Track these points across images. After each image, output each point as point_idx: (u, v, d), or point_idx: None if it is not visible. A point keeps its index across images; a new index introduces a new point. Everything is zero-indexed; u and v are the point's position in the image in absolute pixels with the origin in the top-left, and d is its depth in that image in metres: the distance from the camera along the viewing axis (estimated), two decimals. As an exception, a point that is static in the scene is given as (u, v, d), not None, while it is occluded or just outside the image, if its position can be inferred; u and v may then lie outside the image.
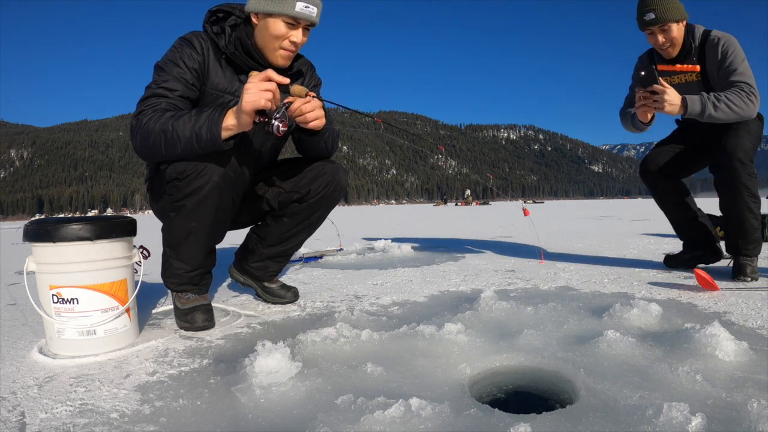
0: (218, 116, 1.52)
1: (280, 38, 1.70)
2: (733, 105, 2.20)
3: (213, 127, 1.51)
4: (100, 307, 1.50)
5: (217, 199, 1.66)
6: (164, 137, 1.54)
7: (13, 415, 1.08)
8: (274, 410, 1.05)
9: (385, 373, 1.21)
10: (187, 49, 1.70)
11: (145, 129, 1.56)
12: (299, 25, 1.71)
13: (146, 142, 1.57)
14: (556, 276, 2.67)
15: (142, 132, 1.57)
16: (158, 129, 1.54)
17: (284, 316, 1.92)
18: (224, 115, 1.52)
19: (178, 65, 1.67)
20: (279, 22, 1.68)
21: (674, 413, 0.89)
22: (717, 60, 2.35)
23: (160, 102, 1.60)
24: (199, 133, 1.52)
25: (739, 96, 2.21)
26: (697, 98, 2.23)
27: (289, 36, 1.71)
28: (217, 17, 1.79)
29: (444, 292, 2.33)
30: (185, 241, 1.72)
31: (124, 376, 1.31)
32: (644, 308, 1.65)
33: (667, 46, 2.40)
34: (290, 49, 1.74)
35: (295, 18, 1.68)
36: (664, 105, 2.23)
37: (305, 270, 3.16)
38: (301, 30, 1.72)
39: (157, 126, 1.54)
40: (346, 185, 2.04)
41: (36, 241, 1.46)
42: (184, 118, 1.54)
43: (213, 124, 1.51)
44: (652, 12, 2.34)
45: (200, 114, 1.53)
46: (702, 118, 2.25)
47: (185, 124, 1.52)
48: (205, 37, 1.75)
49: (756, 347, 1.32)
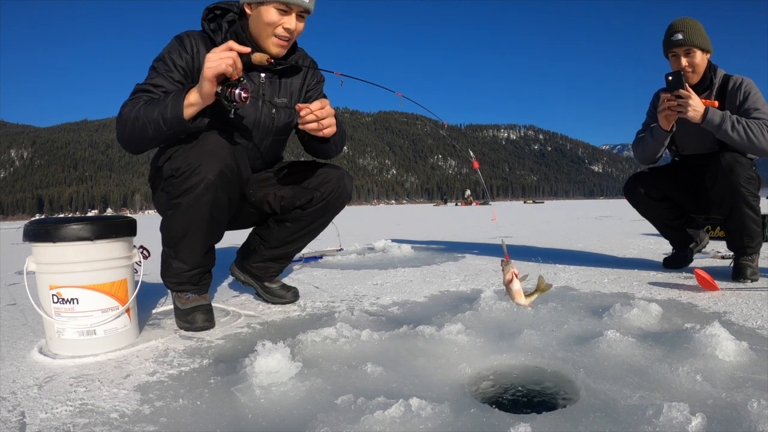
0: (180, 94, 1.56)
1: (272, 25, 1.72)
2: (750, 132, 2.22)
3: (175, 105, 1.55)
4: (100, 307, 1.50)
5: (213, 196, 1.66)
6: (137, 124, 1.59)
7: (13, 415, 1.08)
8: (274, 410, 1.05)
9: (385, 373, 1.21)
10: (177, 47, 1.73)
11: (122, 119, 1.62)
12: (291, 11, 1.72)
13: (123, 131, 1.63)
14: (556, 276, 2.67)
15: (120, 122, 1.63)
16: (132, 117, 1.59)
17: (284, 316, 1.92)
18: (186, 92, 1.56)
19: (166, 63, 1.70)
20: (271, 9, 1.69)
21: (674, 413, 0.89)
22: (739, 100, 2.38)
23: (142, 96, 1.64)
24: (164, 113, 1.55)
25: (759, 127, 2.23)
26: (719, 112, 2.26)
27: (282, 23, 1.72)
28: (214, 14, 1.81)
29: (444, 292, 2.33)
30: (182, 240, 1.72)
31: (124, 376, 1.31)
32: (644, 308, 1.65)
33: (689, 71, 2.43)
34: (284, 36, 1.74)
35: (287, 4, 1.69)
36: (687, 109, 2.24)
37: (305, 270, 3.16)
38: (294, 16, 1.73)
39: (132, 114, 1.60)
40: (350, 192, 2.04)
41: (36, 241, 1.46)
42: (153, 102, 1.59)
43: (175, 103, 1.55)
44: (680, 33, 2.38)
45: (166, 96, 1.58)
46: (718, 133, 2.26)
47: (153, 107, 1.57)
48: (197, 36, 1.76)
49: (756, 347, 1.32)
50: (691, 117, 2.26)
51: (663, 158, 2.71)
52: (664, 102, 2.32)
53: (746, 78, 2.42)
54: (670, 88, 2.29)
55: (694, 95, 2.26)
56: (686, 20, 2.41)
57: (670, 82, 2.29)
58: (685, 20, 2.41)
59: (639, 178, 2.74)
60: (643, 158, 2.62)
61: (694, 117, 2.25)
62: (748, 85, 2.39)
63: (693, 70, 2.43)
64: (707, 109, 2.25)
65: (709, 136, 2.37)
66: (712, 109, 2.25)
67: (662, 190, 2.68)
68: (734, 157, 2.30)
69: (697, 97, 2.26)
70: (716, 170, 2.32)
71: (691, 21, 2.40)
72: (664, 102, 2.32)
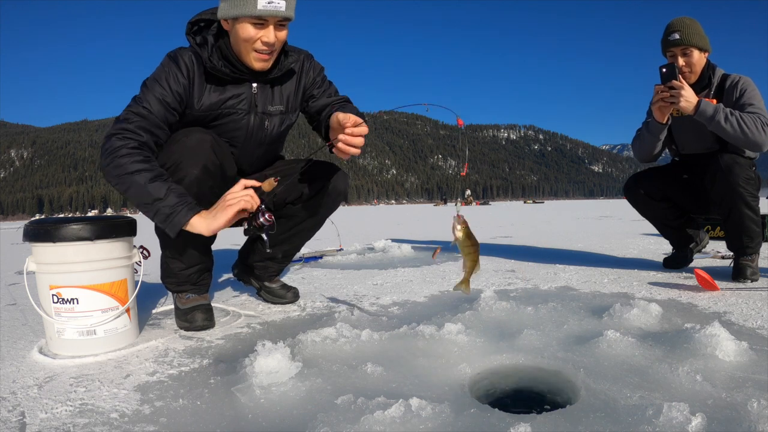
0: (185, 212, 1.49)
1: (250, 41, 1.63)
2: (743, 124, 2.21)
3: (175, 223, 1.49)
4: (100, 307, 1.50)
5: (197, 190, 1.63)
6: (131, 185, 1.49)
7: (13, 415, 1.08)
8: (274, 410, 1.05)
9: (385, 373, 1.21)
10: (174, 69, 1.66)
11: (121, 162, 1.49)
12: (268, 23, 1.61)
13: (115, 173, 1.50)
14: (556, 276, 2.67)
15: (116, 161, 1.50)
16: (132, 176, 1.48)
17: (284, 316, 1.92)
18: (192, 214, 1.49)
19: (161, 86, 1.63)
20: (245, 25, 1.60)
21: (674, 413, 0.89)
22: (735, 97, 2.38)
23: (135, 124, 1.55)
24: (159, 217, 1.49)
25: (753, 120, 2.22)
26: (713, 105, 2.26)
27: (259, 37, 1.63)
28: (199, 27, 1.73)
29: (444, 292, 2.33)
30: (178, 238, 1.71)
31: (124, 376, 1.31)
32: (644, 308, 1.65)
33: (686, 71, 2.43)
34: (263, 50, 1.66)
35: (260, 17, 1.59)
36: (680, 100, 2.25)
37: (305, 270, 3.16)
38: (271, 28, 1.62)
39: (126, 166, 1.49)
40: (344, 190, 1.99)
41: (36, 241, 1.47)
42: (158, 184, 1.49)
43: (175, 221, 1.49)
44: (677, 33, 2.39)
45: (170, 195, 1.49)
46: (711, 125, 2.26)
47: (154, 190, 1.48)
48: (191, 56, 1.69)
49: (756, 347, 1.32)
50: (684, 108, 2.26)
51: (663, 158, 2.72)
52: (657, 93, 2.34)
53: (744, 76, 2.42)
54: (664, 80, 2.31)
55: (687, 86, 2.27)
56: (684, 20, 2.42)
57: (664, 74, 2.31)
58: (683, 20, 2.42)
59: (639, 178, 2.75)
60: (642, 153, 2.62)
61: (687, 108, 2.26)
62: (745, 83, 2.39)
63: (690, 69, 2.43)
64: (700, 100, 2.26)
65: (709, 135, 2.37)
66: (705, 101, 2.25)
67: (662, 190, 2.68)
68: (733, 157, 2.30)
69: (689, 89, 2.27)
70: (715, 170, 2.32)
71: (689, 20, 2.41)
72: (658, 93, 2.33)
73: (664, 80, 2.31)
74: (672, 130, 2.61)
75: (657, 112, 2.40)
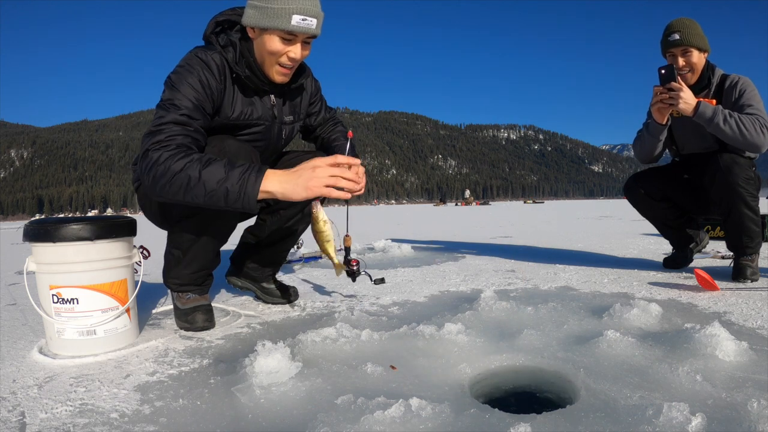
0: (255, 177, 1.39)
1: (276, 54, 1.59)
2: (742, 126, 2.21)
3: (248, 189, 1.38)
4: (100, 307, 1.50)
5: None
6: (188, 182, 1.38)
7: (13, 415, 1.08)
8: (274, 410, 1.05)
9: (385, 373, 1.21)
10: (207, 73, 1.57)
11: (165, 166, 1.39)
12: (297, 39, 1.58)
13: (164, 181, 1.39)
14: (556, 276, 2.67)
15: (160, 168, 1.39)
16: (183, 172, 1.38)
17: (284, 316, 1.92)
18: (263, 175, 1.39)
19: (196, 90, 1.54)
20: (274, 38, 1.56)
21: (674, 413, 0.89)
22: (734, 97, 2.38)
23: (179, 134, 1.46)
24: (230, 193, 1.38)
25: (752, 122, 2.22)
26: (712, 106, 2.26)
27: (286, 52, 1.59)
28: (223, 27, 1.68)
29: (444, 292, 2.33)
30: (196, 243, 1.71)
31: (124, 376, 1.31)
32: (644, 308, 1.65)
33: (686, 71, 2.43)
34: (287, 65, 1.63)
35: (292, 32, 1.55)
36: (679, 101, 2.25)
37: (305, 270, 3.16)
38: (299, 45, 1.59)
39: (182, 167, 1.39)
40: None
41: (36, 241, 1.47)
42: (214, 167, 1.39)
43: (248, 185, 1.38)
44: (677, 33, 2.39)
45: (232, 169, 1.39)
46: (709, 126, 2.26)
47: (215, 173, 1.38)
48: (220, 60, 1.62)
49: (756, 347, 1.32)
50: (683, 109, 2.27)
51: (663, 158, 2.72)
52: (656, 95, 2.34)
53: (743, 76, 2.42)
54: (663, 82, 2.32)
55: (686, 88, 2.27)
56: (683, 20, 2.42)
57: (663, 75, 2.32)
58: (683, 20, 2.42)
59: (639, 178, 2.75)
60: (642, 154, 2.62)
61: (686, 109, 2.26)
62: (744, 83, 2.39)
63: (690, 70, 2.43)
64: (699, 102, 2.26)
65: (709, 135, 2.37)
66: (703, 103, 2.26)
67: (662, 190, 2.68)
68: (733, 157, 2.30)
69: (688, 90, 2.28)
70: (715, 170, 2.33)
71: (689, 21, 2.41)
72: (657, 95, 2.34)
73: (662, 82, 2.32)
74: (672, 130, 2.61)
75: (656, 114, 2.40)
